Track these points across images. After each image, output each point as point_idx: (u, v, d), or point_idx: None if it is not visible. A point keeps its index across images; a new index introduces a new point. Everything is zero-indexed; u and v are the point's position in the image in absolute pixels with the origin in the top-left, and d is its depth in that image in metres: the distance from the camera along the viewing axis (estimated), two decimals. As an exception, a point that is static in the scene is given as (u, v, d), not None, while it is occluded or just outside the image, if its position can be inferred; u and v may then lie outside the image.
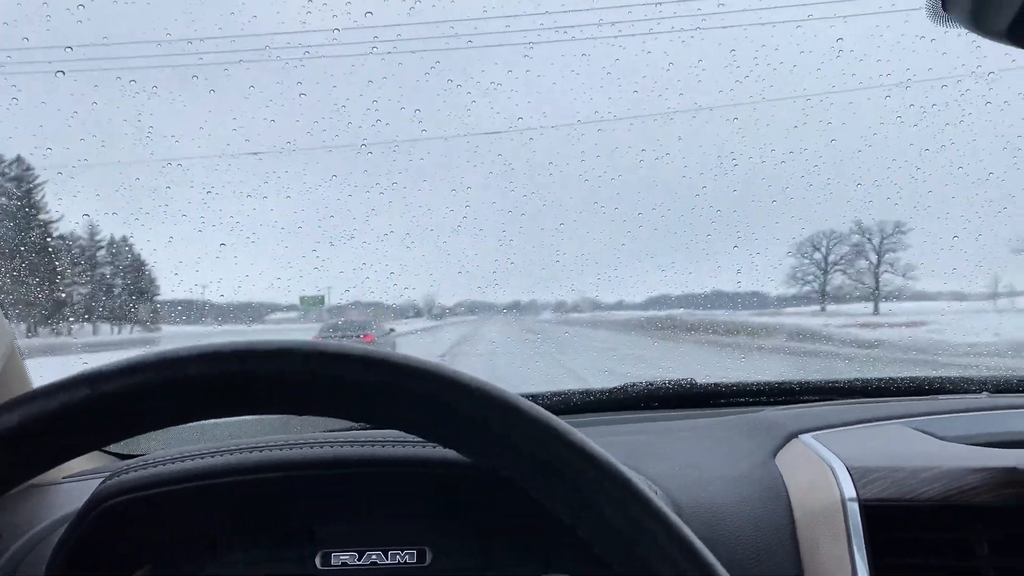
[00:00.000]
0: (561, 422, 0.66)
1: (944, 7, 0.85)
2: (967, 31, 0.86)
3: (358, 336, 10.00)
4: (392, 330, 11.44)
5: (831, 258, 8.77)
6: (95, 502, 1.03)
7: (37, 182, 4.91)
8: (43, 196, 4.92)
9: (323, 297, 9.30)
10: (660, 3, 4.82)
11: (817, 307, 9.36)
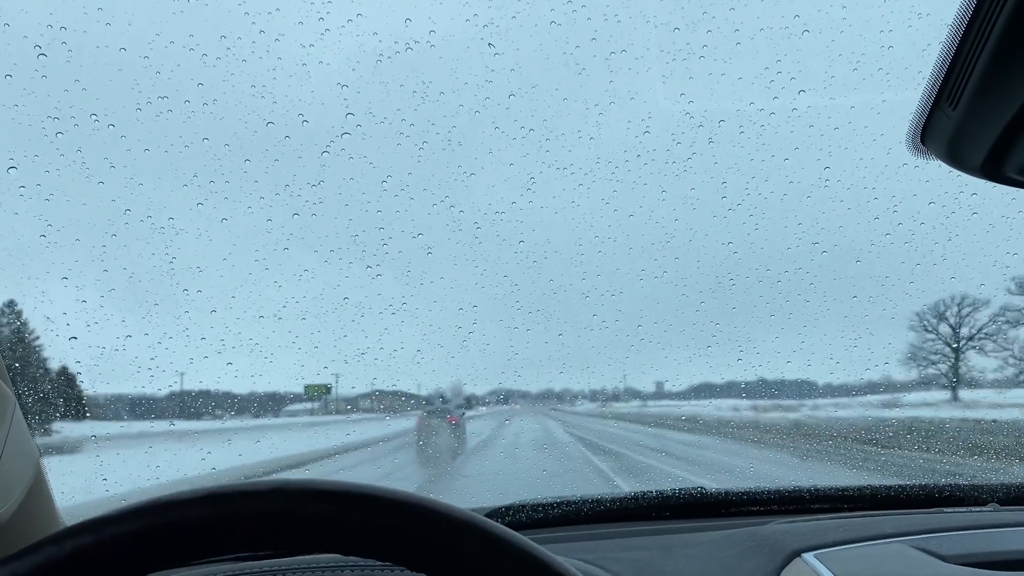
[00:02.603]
0: (542, 551, 0.66)
1: (923, 141, 0.94)
2: (944, 165, 0.95)
3: (446, 417, 11.74)
4: (464, 412, 12.72)
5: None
6: None
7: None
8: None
9: (330, 386, 9.22)
10: (648, 132, 5.04)
11: (944, 393, 8.19)
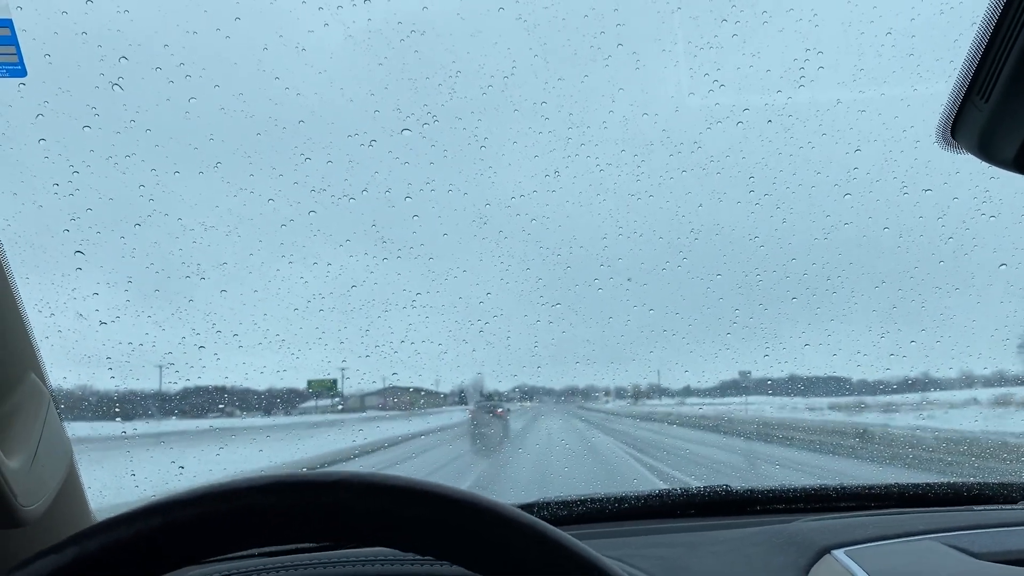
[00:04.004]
0: (570, 537, 0.67)
1: (953, 134, 0.93)
2: (975, 158, 0.94)
3: (496, 411, 12.35)
4: (508, 409, 13.39)
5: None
6: None
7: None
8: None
9: (335, 381, 9.12)
10: (674, 124, 5.00)
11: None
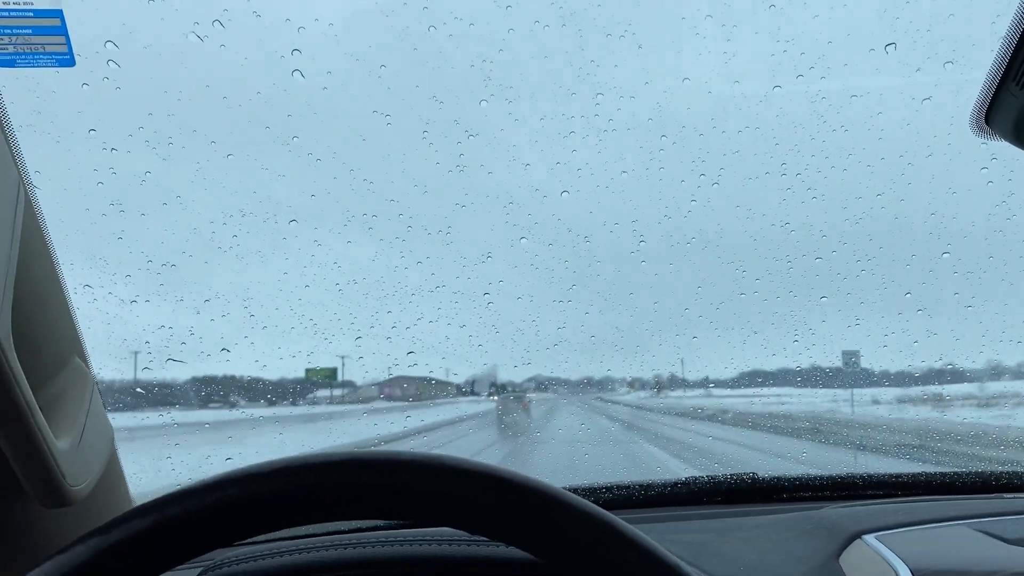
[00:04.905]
0: (624, 523, 0.68)
1: (988, 121, 0.93)
2: (1009, 144, 0.93)
3: (522, 402, 12.79)
4: (531, 399, 13.72)
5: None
6: None
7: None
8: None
9: (335, 369, 9.04)
10: (703, 108, 4.94)
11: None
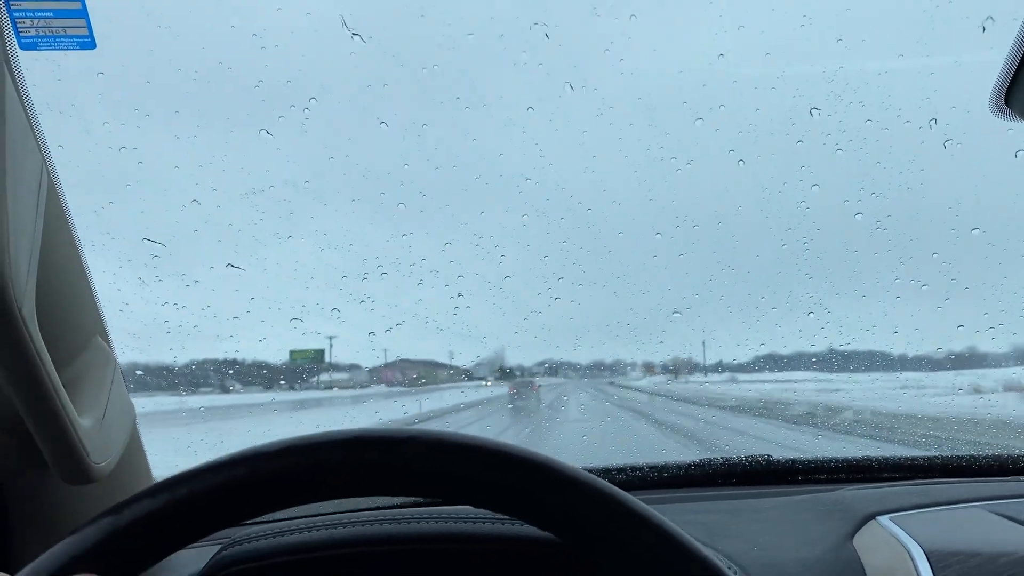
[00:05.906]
0: (638, 502, 0.69)
1: (1007, 102, 0.92)
2: (1027, 125, 0.93)
3: (532, 386, 13.11)
4: (540, 385, 14.05)
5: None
6: (217, 568, 1.12)
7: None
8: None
9: (323, 351, 8.96)
10: (719, 92, 4.91)
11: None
